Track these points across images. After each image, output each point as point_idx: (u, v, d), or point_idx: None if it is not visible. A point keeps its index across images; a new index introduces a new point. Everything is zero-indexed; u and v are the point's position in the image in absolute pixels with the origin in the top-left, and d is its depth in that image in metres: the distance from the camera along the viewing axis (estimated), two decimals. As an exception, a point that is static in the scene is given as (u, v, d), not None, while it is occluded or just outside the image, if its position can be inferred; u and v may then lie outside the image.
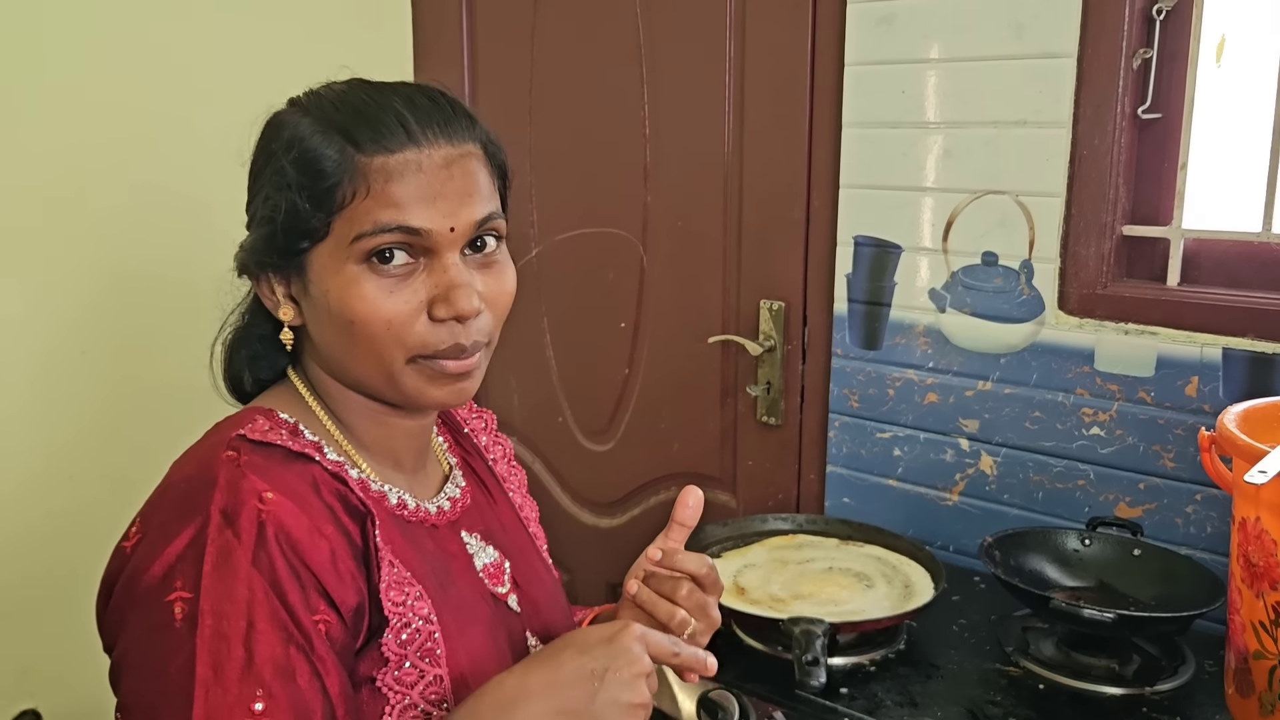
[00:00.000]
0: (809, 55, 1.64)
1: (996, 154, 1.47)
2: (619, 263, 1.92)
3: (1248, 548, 1.00)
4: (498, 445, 1.12)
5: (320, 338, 0.85)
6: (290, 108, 0.85)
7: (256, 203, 0.84)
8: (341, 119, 0.81)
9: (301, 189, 0.80)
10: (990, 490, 1.54)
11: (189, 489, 0.77)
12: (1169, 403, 1.38)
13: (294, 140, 0.81)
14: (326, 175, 0.79)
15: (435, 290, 0.81)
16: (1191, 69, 1.36)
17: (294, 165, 0.80)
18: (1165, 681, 1.19)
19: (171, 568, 0.73)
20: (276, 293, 0.86)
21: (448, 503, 0.95)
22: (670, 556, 0.93)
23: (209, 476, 0.76)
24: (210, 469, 0.76)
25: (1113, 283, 1.43)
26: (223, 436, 0.80)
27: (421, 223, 0.79)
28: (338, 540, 0.78)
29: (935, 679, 1.23)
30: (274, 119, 0.85)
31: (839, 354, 1.66)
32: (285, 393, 0.90)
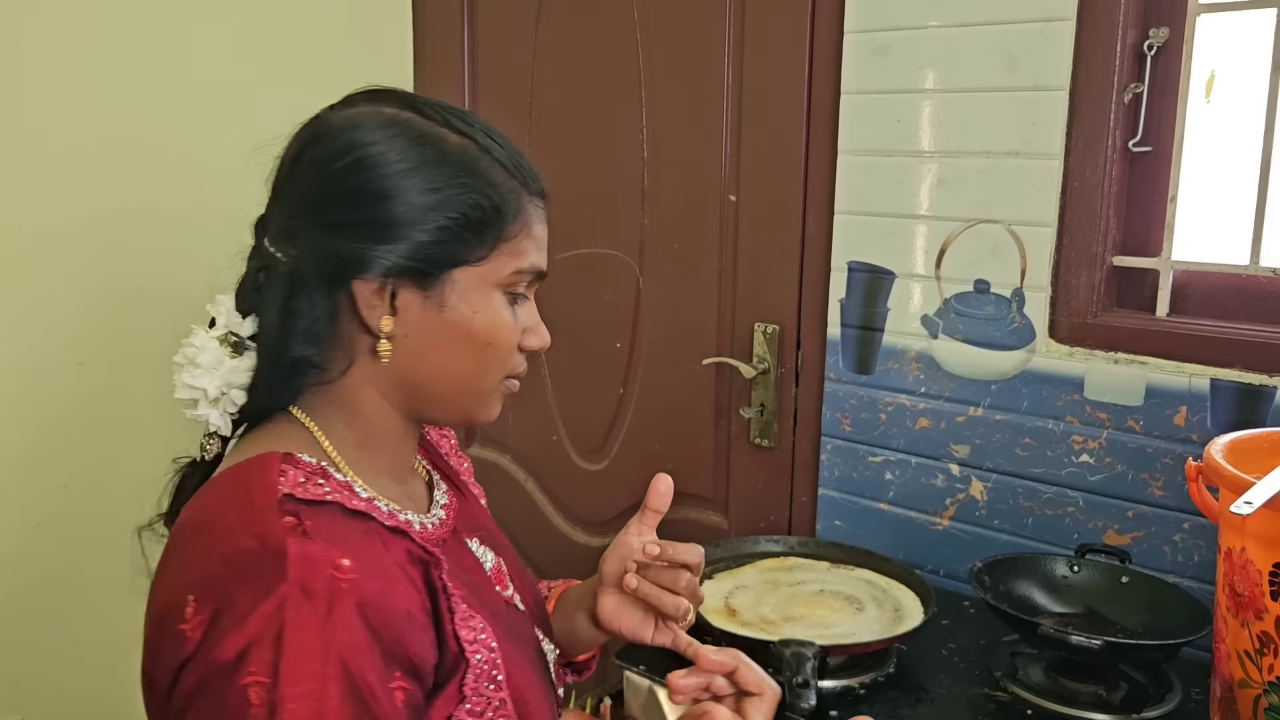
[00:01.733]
0: (806, 83, 1.66)
1: (989, 183, 1.49)
2: (615, 283, 1.93)
3: (1233, 577, 1.01)
4: (461, 459, 1.12)
5: (428, 353, 0.85)
6: (449, 131, 0.85)
7: (390, 204, 0.82)
8: (510, 157, 0.87)
9: (479, 211, 0.84)
10: (980, 515, 1.56)
11: (254, 562, 0.72)
12: (1157, 432, 1.39)
13: (472, 166, 0.85)
14: (505, 213, 0.85)
15: (527, 323, 0.90)
16: (1182, 104, 1.38)
17: (475, 183, 0.84)
18: (1152, 709, 1.20)
19: (245, 651, 0.69)
20: (384, 300, 0.83)
21: (443, 512, 0.94)
22: (666, 550, 1.00)
23: (275, 547, 0.72)
24: (274, 538, 0.72)
25: (1103, 312, 1.45)
26: (261, 496, 0.75)
27: (545, 267, 0.91)
28: (410, 597, 0.77)
29: (924, 703, 1.24)
30: (405, 120, 0.85)
31: (832, 378, 1.68)
32: (284, 429, 0.85)
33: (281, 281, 0.83)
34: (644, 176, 1.86)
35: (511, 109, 2.01)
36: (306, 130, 0.87)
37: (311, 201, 0.84)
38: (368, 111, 0.85)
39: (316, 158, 0.84)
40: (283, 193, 0.86)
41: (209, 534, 0.75)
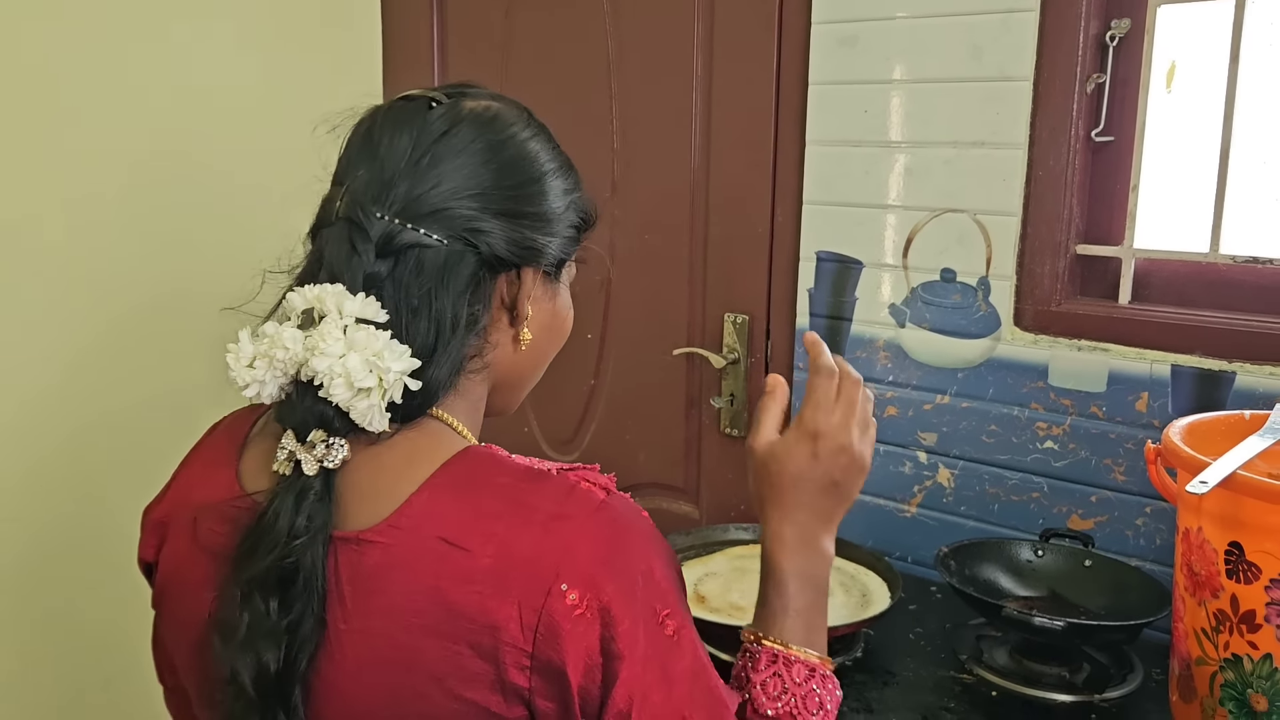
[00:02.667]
0: (774, 74, 1.67)
1: (955, 173, 1.51)
2: (586, 275, 1.93)
3: (1190, 557, 1.03)
4: None
5: (538, 341, 0.89)
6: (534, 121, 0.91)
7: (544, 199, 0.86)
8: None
9: (589, 215, 0.92)
10: (947, 502, 1.57)
11: (589, 521, 0.73)
12: (1120, 417, 1.41)
13: (572, 165, 0.92)
14: (593, 211, 0.94)
15: None
16: (1143, 94, 1.40)
17: (586, 197, 0.92)
18: (1114, 689, 1.22)
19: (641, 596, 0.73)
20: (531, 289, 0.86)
21: None
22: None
23: (593, 505, 0.74)
24: (589, 503, 0.74)
25: (1066, 300, 1.47)
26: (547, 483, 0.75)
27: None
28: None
29: (891, 686, 1.25)
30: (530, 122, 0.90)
31: (801, 367, 1.69)
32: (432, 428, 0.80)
33: (434, 266, 0.78)
34: (614, 167, 1.87)
35: (482, 100, 2.00)
36: (444, 111, 0.83)
37: (480, 187, 0.81)
38: (510, 107, 0.89)
39: (476, 144, 0.82)
40: (421, 172, 0.80)
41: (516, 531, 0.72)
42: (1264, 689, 0.96)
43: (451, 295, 0.78)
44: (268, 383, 0.77)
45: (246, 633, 0.72)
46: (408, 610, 0.71)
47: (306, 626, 0.72)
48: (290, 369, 0.76)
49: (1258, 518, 0.95)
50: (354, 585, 0.72)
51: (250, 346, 0.77)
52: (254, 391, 0.77)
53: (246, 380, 0.77)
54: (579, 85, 1.88)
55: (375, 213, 0.78)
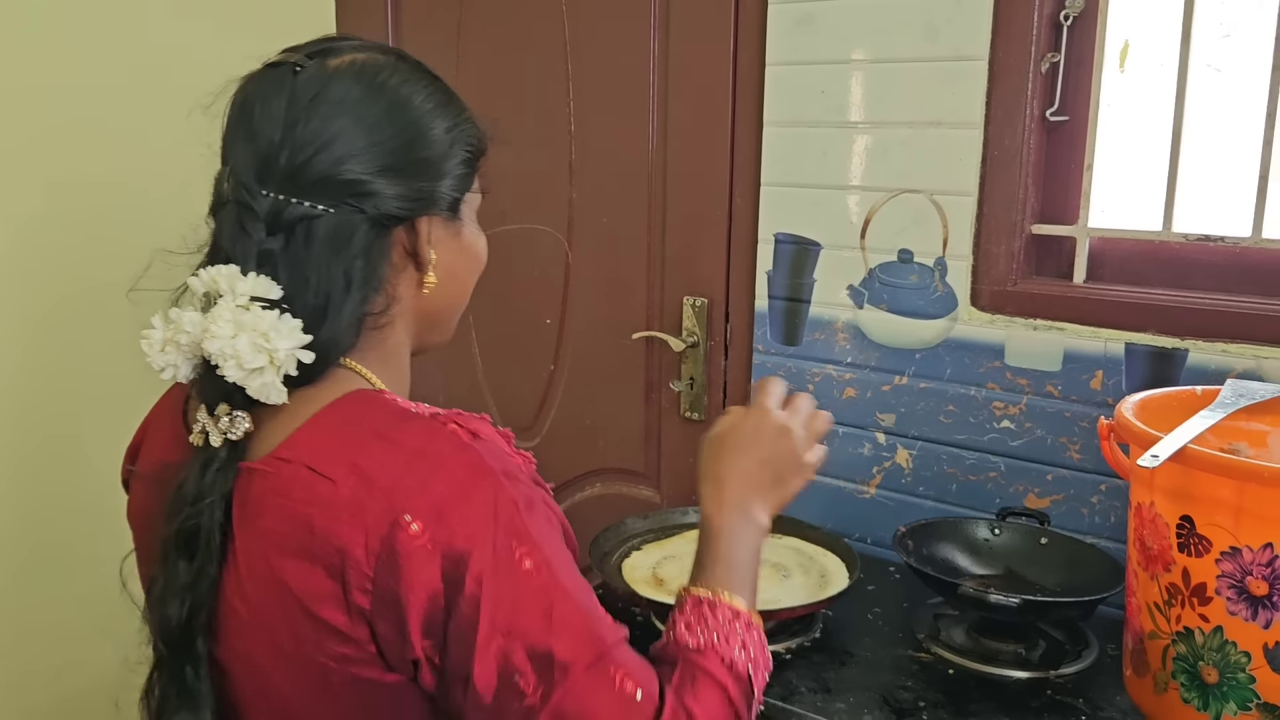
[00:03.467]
0: (731, 55, 1.66)
1: (912, 154, 1.51)
2: (544, 259, 1.92)
3: (1143, 531, 1.04)
4: None
5: (450, 280, 0.90)
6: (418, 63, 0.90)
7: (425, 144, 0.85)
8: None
9: (479, 143, 0.91)
10: (906, 483, 1.58)
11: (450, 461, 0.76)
12: (1075, 396, 1.42)
13: (455, 98, 0.91)
14: (482, 140, 0.93)
15: None
16: (1097, 73, 1.41)
17: (466, 120, 0.90)
18: (1069, 665, 1.22)
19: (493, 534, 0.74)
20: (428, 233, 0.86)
21: None
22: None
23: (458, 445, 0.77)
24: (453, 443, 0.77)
25: (1022, 280, 1.47)
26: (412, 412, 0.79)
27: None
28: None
29: (849, 665, 1.25)
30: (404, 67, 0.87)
31: (760, 350, 1.68)
32: (341, 379, 0.83)
33: (323, 236, 0.80)
34: (572, 151, 1.85)
35: (437, 83, 1.98)
36: (309, 74, 0.82)
37: (359, 148, 0.81)
38: (376, 54, 0.86)
39: (347, 103, 0.82)
40: (296, 141, 0.80)
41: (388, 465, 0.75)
42: (1215, 661, 0.97)
43: (344, 261, 0.81)
44: (180, 365, 0.82)
45: (161, 590, 0.79)
46: (279, 533, 0.76)
47: (204, 584, 0.78)
48: (196, 351, 0.80)
49: (1208, 491, 0.95)
50: (242, 510, 0.78)
51: (160, 332, 0.82)
52: (170, 374, 0.82)
53: (161, 364, 0.82)
54: (535, 67, 1.86)
55: (260, 191, 0.80)
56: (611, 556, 1.40)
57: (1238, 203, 1.37)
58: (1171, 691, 1.01)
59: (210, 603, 0.79)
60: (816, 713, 1.14)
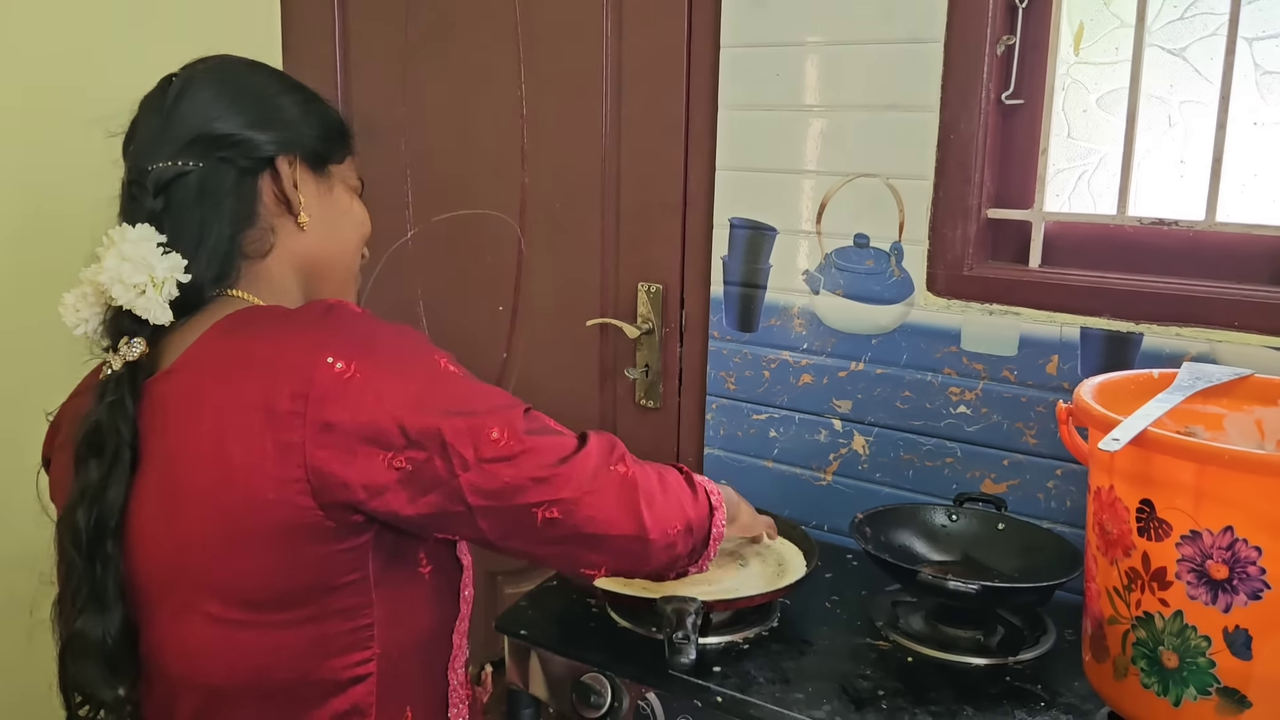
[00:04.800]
0: (685, 37, 1.63)
1: (868, 137, 1.49)
2: (496, 245, 1.88)
3: (1102, 516, 1.03)
4: None
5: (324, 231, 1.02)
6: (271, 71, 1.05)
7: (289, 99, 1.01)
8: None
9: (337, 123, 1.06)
10: (863, 470, 1.56)
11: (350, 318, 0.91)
12: (1031, 381, 1.42)
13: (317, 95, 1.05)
14: (347, 135, 1.08)
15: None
16: (1052, 56, 1.40)
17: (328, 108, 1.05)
18: (1027, 651, 1.22)
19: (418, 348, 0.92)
20: (295, 178, 1.00)
21: None
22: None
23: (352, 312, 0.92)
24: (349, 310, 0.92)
25: (978, 264, 1.46)
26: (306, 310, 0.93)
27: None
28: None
29: (808, 655, 1.23)
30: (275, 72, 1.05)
31: (716, 336, 1.66)
32: (230, 303, 0.96)
33: (195, 185, 0.94)
34: (524, 135, 1.82)
35: (385, 67, 1.93)
36: (178, 78, 0.99)
37: (220, 112, 0.96)
38: (232, 59, 1.03)
39: (209, 86, 0.98)
40: (171, 123, 0.96)
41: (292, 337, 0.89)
42: (1175, 646, 0.96)
43: (216, 200, 0.95)
44: (89, 319, 0.94)
45: (74, 499, 0.88)
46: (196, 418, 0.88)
47: (114, 485, 0.88)
48: (98, 299, 0.93)
49: (1168, 474, 0.94)
50: (151, 414, 0.90)
51: (71, 295, 0.95)
52: (82, 329, 0.95)
53: (74, 322, 0.95)
54: (485, 50, 1.82)
55: (147, 167, 0.94)
56: (566, 547, 1.37)
57: (1192, 187, 1.37)
58: (1131, 677, 1.01)
59: (121, 506, 0.88)
60: (774, 703, 1.12)
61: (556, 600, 1.35)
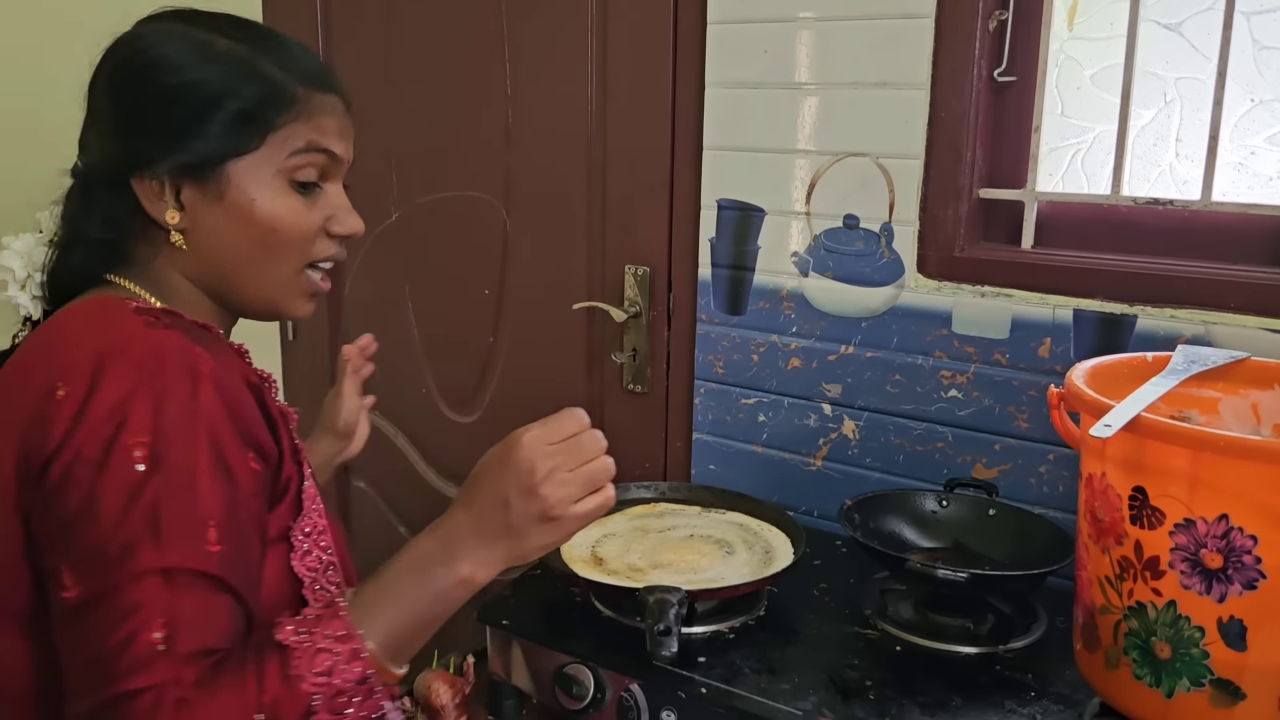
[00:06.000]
0: (672, 13, 1.60)
1: (858, 115, 1.46)
2: (481, 227, 1.85)
3: (1094, 503, 1.01)
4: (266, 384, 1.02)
5: (217, 238, 0.90)
6: (196, 28, 0.90)
7: (161, 106, 0.87)
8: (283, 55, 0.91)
9: (243, 103, 0.88)
10: (853, 454, 1.54)
11: (119, 347, 0.79)
12: (1023, 364, 1.39)
13: (236, 58, 0.89)
14: (273, 103, 0.89)
15: (331, 211, 0.93)
16: (1045, 32, 1.37)
17: (238, 80, 0.88)
18: (1018, 639, 1.20)
19: (124, 417, 0.76)
20: (166, 196, 0.88)
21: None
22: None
23: (137, 334, 0.80)
24: (135, 329, 0.81)
25: (970, 245, 1.43)
26: (114, 306, 0.84)
27: (338, 150, 0.93)
28: (252, 399, 0.85)
29: (794, 644, 1.21)
30: (180, 31, 0.90)
31: (704, 319, 1.63)
32: (108, 290, 0.90)
33: (80, 184, 0.92)
34: (508, 114, 1.78)
35: (368, 46, 1.90)
36: (105, 51, 0.92)
37: (100, 110, 0.91)
38: (148, 25, 0.92)
39: (104, 71, 0.91)
40: (88, 108, 0.92)
41: (66, 339, 0.82)
42: (1168, 636, 0.94)
43: (75, 203, 0.92)
44: (25, 302, 0.95)
45: None
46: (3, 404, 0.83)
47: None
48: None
49: (1162, 461, 0.92)
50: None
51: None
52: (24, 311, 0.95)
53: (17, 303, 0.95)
54: (469, 27, 1.78)
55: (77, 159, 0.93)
56: (549, 535, 1.35)
57: (1187, 166, 1.34)
58: (1123, 667, 0.99)
59: None
60: (760, 694, 1.10)
61: (540, 590, 1.33)
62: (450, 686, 1.25)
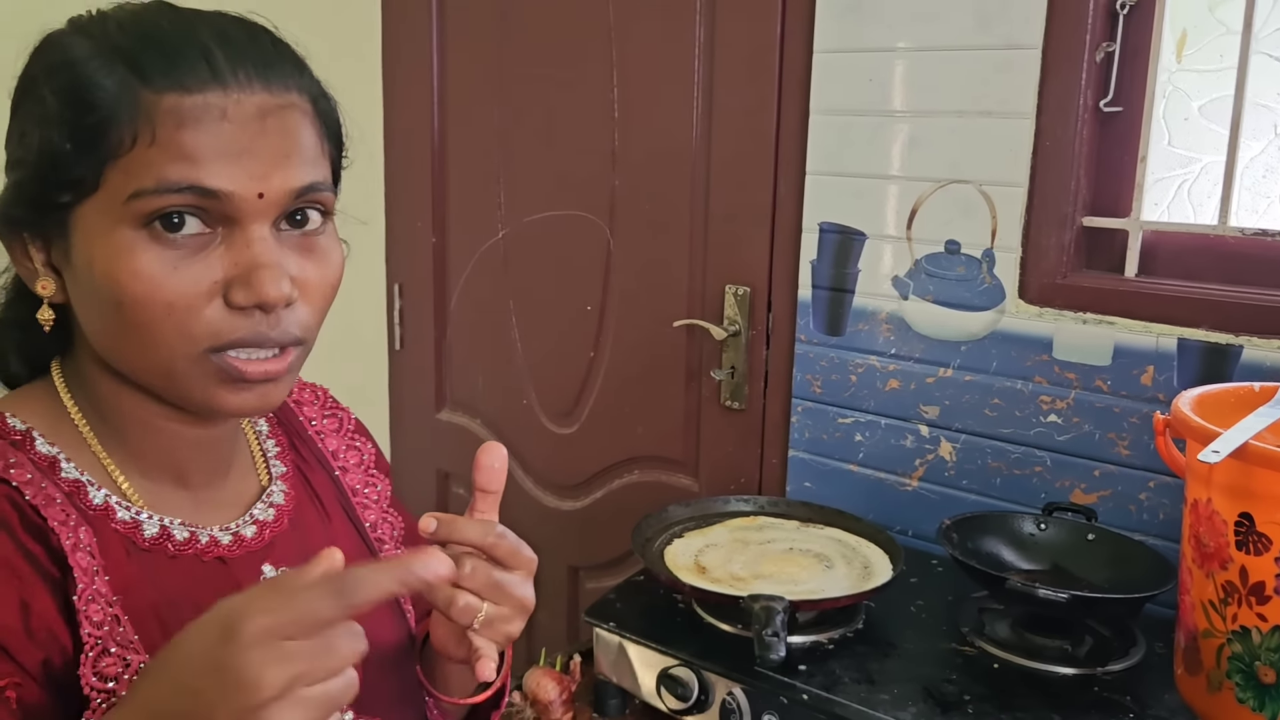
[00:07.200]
0: (778, 42, 1.65)
1: (961, 143, 1.49)
2: (586, 246, 1.92)
3: (1199, 528, 1.02)
4: (352, 451, 0.93)
5: (86, 318, 0.68)
6: (68, 26, 0.68)
7: (11, 142, 0.68)
8: (126, 43, 0.64)
9: (64, 124, 0.63)
10: (949, 476, 1.56)
11: None
12: (1125, 391, 1.40)
13: (61, 64, 0.65)
14: (97, 109, 0.62)
15: (235, 270, 0.65)
16: (1153, 63, 1.38)
17: (56, 95, 0.64)
18: (1116, 662, 1.21)
19: None
20: (34, 260, 0.68)
21: (252, 527, 0.78)
22: (444, 526, 0.71)
23: None
24: None
25: (1072, 273, 1.45)
26: None
27: (221, 183, 0.63)
28: (33, 584, 0.64)
29: (892, 657, 1.24)
30: (45, 39, 0.68)
31: (802, 340, 1.67)
32: (38, 390, 0.74)
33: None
34: (615, 137, 1.85)
35: (479, 67, 1.98)
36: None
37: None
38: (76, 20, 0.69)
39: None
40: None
41: None
42: (1272, 661, 0.95)
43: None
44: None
45: None
46: None
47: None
48: None
49: (1269, 488, 0.94)
50: None
51: None
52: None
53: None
54: (579, 53, 1.86)
55: None
56: (654, 543, 1.40)
57: (1296, 197, 1.35)
58: (1226, 691, 1.00)
59: None
60: (860, 703, 1.13)
61: (644, 595, 1.38)
62: (557, 684, 1.30)
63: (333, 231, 0.72)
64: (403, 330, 2.22)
